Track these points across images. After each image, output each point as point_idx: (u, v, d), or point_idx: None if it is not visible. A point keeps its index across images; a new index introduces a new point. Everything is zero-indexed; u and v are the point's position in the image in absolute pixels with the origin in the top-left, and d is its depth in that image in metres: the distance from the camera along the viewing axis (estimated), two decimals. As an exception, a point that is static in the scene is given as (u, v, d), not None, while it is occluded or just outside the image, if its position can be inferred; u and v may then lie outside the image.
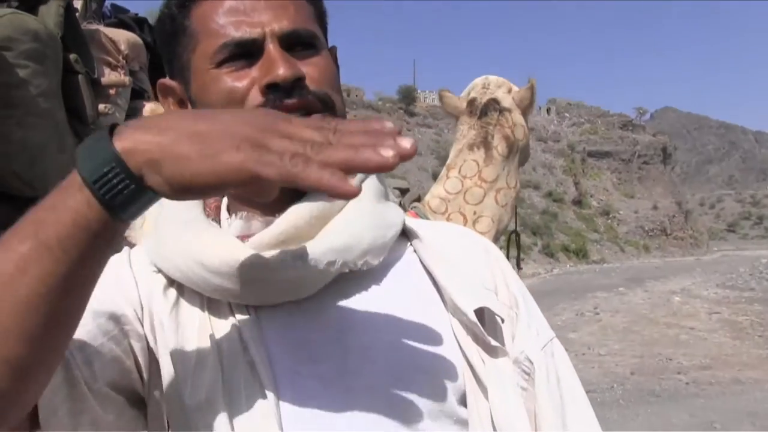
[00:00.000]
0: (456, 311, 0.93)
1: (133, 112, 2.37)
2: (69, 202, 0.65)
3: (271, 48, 0.90)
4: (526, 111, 3.08)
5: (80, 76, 2.00)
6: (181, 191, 0.64)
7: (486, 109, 3.07)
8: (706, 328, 13.20)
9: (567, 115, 54.33)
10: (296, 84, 0.89)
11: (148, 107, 2.44)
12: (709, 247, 51.48)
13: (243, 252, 0.87)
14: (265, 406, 0.84)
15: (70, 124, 1.96)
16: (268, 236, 0.89)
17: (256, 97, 0.90)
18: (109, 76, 2.23)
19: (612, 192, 49.13)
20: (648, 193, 50.21)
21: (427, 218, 2.84)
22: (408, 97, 42.13)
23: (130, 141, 0.63)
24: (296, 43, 0.92)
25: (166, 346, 0.89)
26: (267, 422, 0.84)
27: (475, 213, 2.93)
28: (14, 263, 0.64)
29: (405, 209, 2.79)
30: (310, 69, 0.92)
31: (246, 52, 0.91)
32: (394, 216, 1.00)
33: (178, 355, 0.88)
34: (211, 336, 0.89)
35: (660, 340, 12.19)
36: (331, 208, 0.93)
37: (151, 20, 2.90)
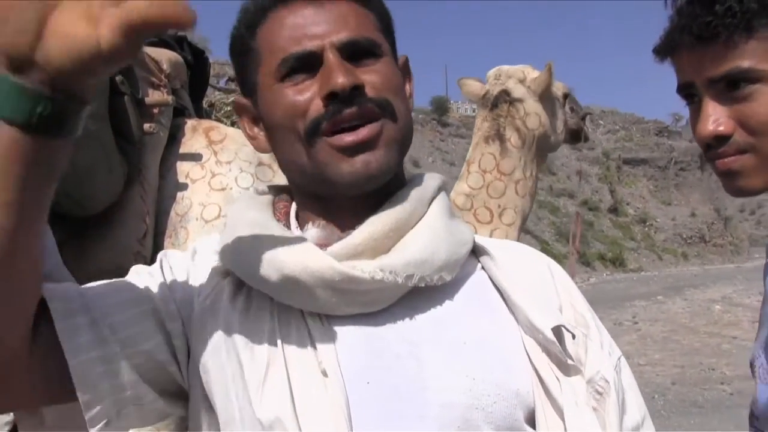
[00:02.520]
0: (530, 329, 0.93)
1: (175, 130, 2.42)
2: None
3: (331, 58, 0.92)
4: (543, 95, 3.06)
5: (126, 97, 2.05)
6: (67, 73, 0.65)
7: (496, 101, 3.07)
8: (750, 337, 12.81)
9: (601, 122, 53.86)
10: (355, 92, 0.91)
11: (190, 124, 2.48)
12: (750, 253, 50.40)
13: (324, 261, 0.88)
14: (337, 418, 0.84)
15: (116, 144, 2.01)
16: (347, 246, 0.91)
17: (317, 107, 0.92)
18: (152, 96, 2.28)
19: (648, 199, 48.53)
20: (685, 200, 49.50)
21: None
22: (441, 108, 42.11)
23: None
24: (357, 52, 0.94)
25: (233, 351, 0.90)
26: None
27: (499, 206, 2.95)
28: None
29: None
30: (371, 76, 0.94)
31: (306, 65, 0.94)
32: (466, 233, 1.02)
33: (246, 363, 0.89)
34: (281, 344, 0.90)
35: (701, 349, 11.96)
36: (407, 222, 0.94)
37: (190, 38, 2.96)
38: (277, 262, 0.89)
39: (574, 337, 0.94)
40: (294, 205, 1.05)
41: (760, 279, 1.41)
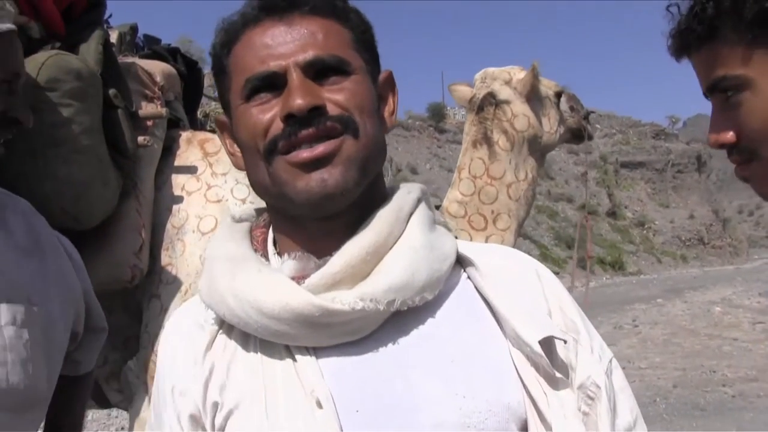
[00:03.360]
0: (517, 342, 0.92)
1: (170, 142, 2.43)
2: None
3: (294, 78, 0.91)
4: (530, 97, 3.03)
5: (119, 111, 2.06)
6: None
7: (482, 104, 3.03)
8: (750, 338, 12.89)
9: (598, 126, 53.86)
10: (313, 113, 0.90)
11: (185, 136, 2.48)
12: (749, 255, 50.48)
13: (302, 296, 0.88)
14: None
15: (111, 158, 2.02)
16: (324, 277, 0.90)
17: (277, 127, 0.92)
18: (146, 108, 2.29)
19: (647, 202, 48.51)
20: (683, 203, 49.47)
21: (447, 226, 2.83)
22: (438, 114, 42.09)
23: None
24: (323, 71, 0.93)
25: (230, 403, 0.92)
26: None
27: (492, 212, 2.92)
28: None
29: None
30: (336, 95, 0.93)
31: (271, 85, 0.93)
32: (447, 246, 1.00)
33: (242, 409, 0.91)
34: (269, 380, 0.91)
35: (702, 351, 11.92)
36: (384, 244, 0.93)
37: (183, 49, 2.97)
38: (256, 303, 0.89)
39: (565, 342, 0.94)
40: (272, 230, 1.05)
41: (759, 280, 1.41)
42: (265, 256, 1.01)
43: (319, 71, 0.94)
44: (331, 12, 0.98)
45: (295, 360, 0.91)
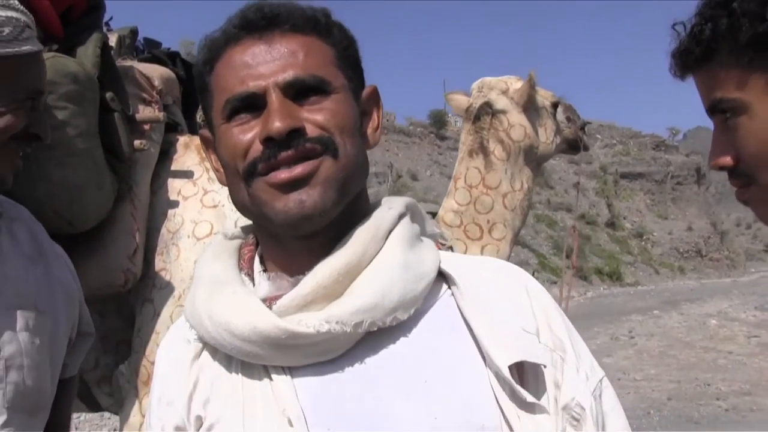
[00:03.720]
0: (493, 364, 0.91)
1: (167, 146, 2.42)
2: None
3: (273, 99, 0.91)
4: (527, 107, 3.03)
5: (116, 114, 2.06)
6: None
7: (479, 114, 3.04)
8: (745, 352, 12.88)
9: (599, 136, 53.92)
10: (292, 135, 0.90)
11: (182, 140, 2.48)
12: (746, 268, 50.39)
13: (268, 319, 0.89)
14: None
15: (106, 161, 2.01)
16: (295, 299, 0.91)
17: (257, 149, 0.92)
18: (143, 112, 2.29)
19: (645, 213, 48.49)
20: (682, 214, 49.45)
21: (443, 236, 2.84)
22: (439, 121, 42.09)
23: None
24: (303, 90, 0.93)
25: (212, 418, 0.93)
26: None
27: (488, 221, 2.92)
28: None
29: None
30: (316, 115, 0.93)
31: (251, 106, 0.93)
32: (427, 263, 0.98)
33: (222, 425, 0.92)
34: (248, 399, 0.91)
35: (697, 364, 11.91)
36: (358, 264, 0.92)
37: (183, 53, 2.97)
38: (227, 325, 0.91)
39: (545, 367, 0.93)
40: (259, 249, 1.05)
41: (755, 293, 1.39)
42: (251, 274, 1.01)
43: (299, 91, 0.93)
44: (312, 29, 0.97)
45: (271, 379, 0.92)
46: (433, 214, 3.07)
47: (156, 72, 2.46)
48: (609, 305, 22.69)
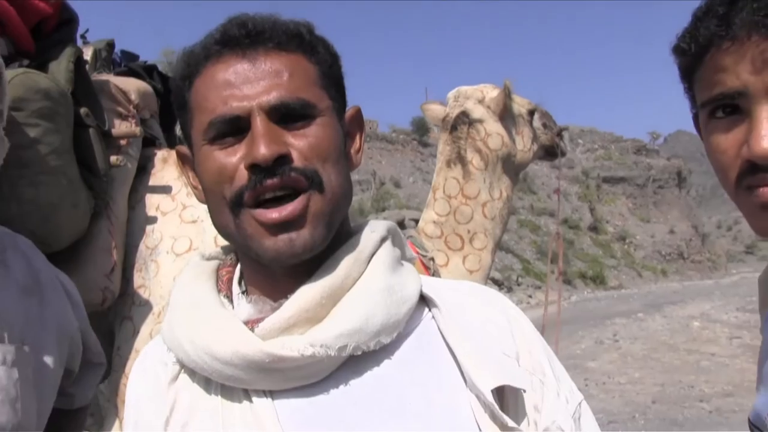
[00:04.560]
0: (474, 388, 0.91)
1: (145, 161, 2.39)
2: None
3: (258, 123, 0.89)
4: (503, 115, 3.02)
5: (91, 130, 2.02)
6: None
7: (456, 123, 3.03)
8: (728, 353, 12.98)
9: (580, 141, 54.27)
10: (279, 162, 0.89)
11: (160, 155, 2.45)
12: (727, 269, 50.86)
13: (251, 343, 0.87)
14: None
15: (82, 177, 1.98)
16: (278, 322, 0.89)
17: (242, 176, 0.90)
18: (119, 127, 2.25)
19: (628, 217, 48.81)
20: (664, 218, 49.82)
21: (424, 247, 2.84)
22: (421, 128, 42.19)
23: None
24: (287, 115, 0.91)
25: None
26: None
27: (469, 231, 2.91)
28: None
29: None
30: (301, 141, 0.91)
31: (234, 128, 0.91)
32: (409, 288, 0.98)
33: None
34: (229, 423, 0.90)
35: (681, 367, 12.00)
36: (340, 287, 0.92)
37: (165, 62, 2.94)
38: (209, 349, 0.89)
39: (525, 391, 0.92)
40: (238, 268, 1.04)
41: (737, 295, 1.35)
42: (229, 296, 1.00)
43: (284, 115, 0.91)
44: (297, 46, 0.95)
45: (252, 403, 0.90)
46: (417, 221, 3.06)
47: (132, 86, 2.42)
48: (593, 309, 22.80)
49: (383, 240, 1.00)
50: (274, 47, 0.94)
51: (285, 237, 0.90)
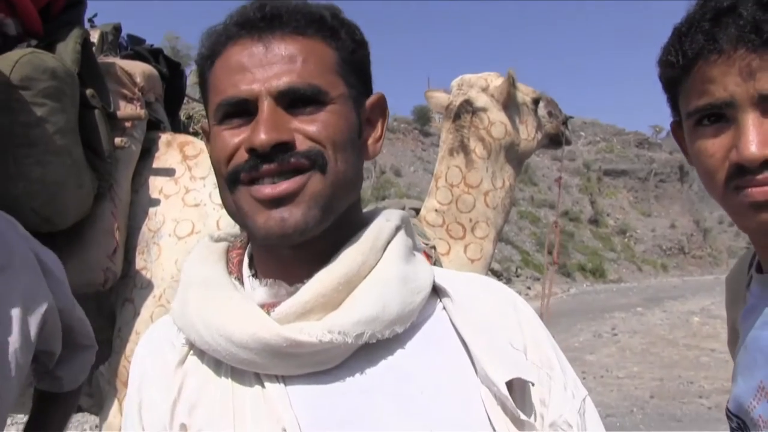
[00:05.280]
0: (487, 380, 0.91)
1: (149, 144, 2.40)
2: None
3: (265, 107, 0.89)
4: (507, 104, 3.02)
5: (96, 111, 2.03)
6: None
7: (459, 112, 3.02)
8: (727, 349, 12.98)
9: (582, 133, 54.17)
10: (278, 148, 0.88)
11: (164, 138, 2.45)
12: (728, 265, 50.78)
13: (270, 327, 0.87)
14: None
15: (86, 159, 1.98)
16: (294, 306, 0.89)
17: (241, 156, 0.90)
18: (124, 109, 2.26)
19: (629, 211, 48.77)
20: (665, 212, 49.77)
21: (425, 236, 2.83)
22: (423, 117, 42.10)
23: None
24: (298, 100, 0.90)
25: (198, 425, 0.91)
26: None
27: (470, 220, 2.91)
28: None
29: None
30: (309, 126, 0.90)
31: (242, 110, 0.91)
32: (422, 277, 0.97)
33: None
34: (239, 406, 0.89)
35: (680, 362, 12.00)
36: (357, 274, 0.91)
37: (168, 47, 2.94)
38: (225, 331, 0.89)
39: (533, 385, 0.92)
40: (248, 250, 1.04)
41: None
42: (240, 278, 1.00)
43: (293, 100, 0.90)
44: (316, 30, 0.94)
45: (264, 387, 0.90)
46: (417, 211, 3.06)
47: (138, 69, 2.42)
48: (592, 302, 22.82)
49: (398, 229, 1.00)
50: (291, 31, 0.92)
51: (277, 214, 0.89)
